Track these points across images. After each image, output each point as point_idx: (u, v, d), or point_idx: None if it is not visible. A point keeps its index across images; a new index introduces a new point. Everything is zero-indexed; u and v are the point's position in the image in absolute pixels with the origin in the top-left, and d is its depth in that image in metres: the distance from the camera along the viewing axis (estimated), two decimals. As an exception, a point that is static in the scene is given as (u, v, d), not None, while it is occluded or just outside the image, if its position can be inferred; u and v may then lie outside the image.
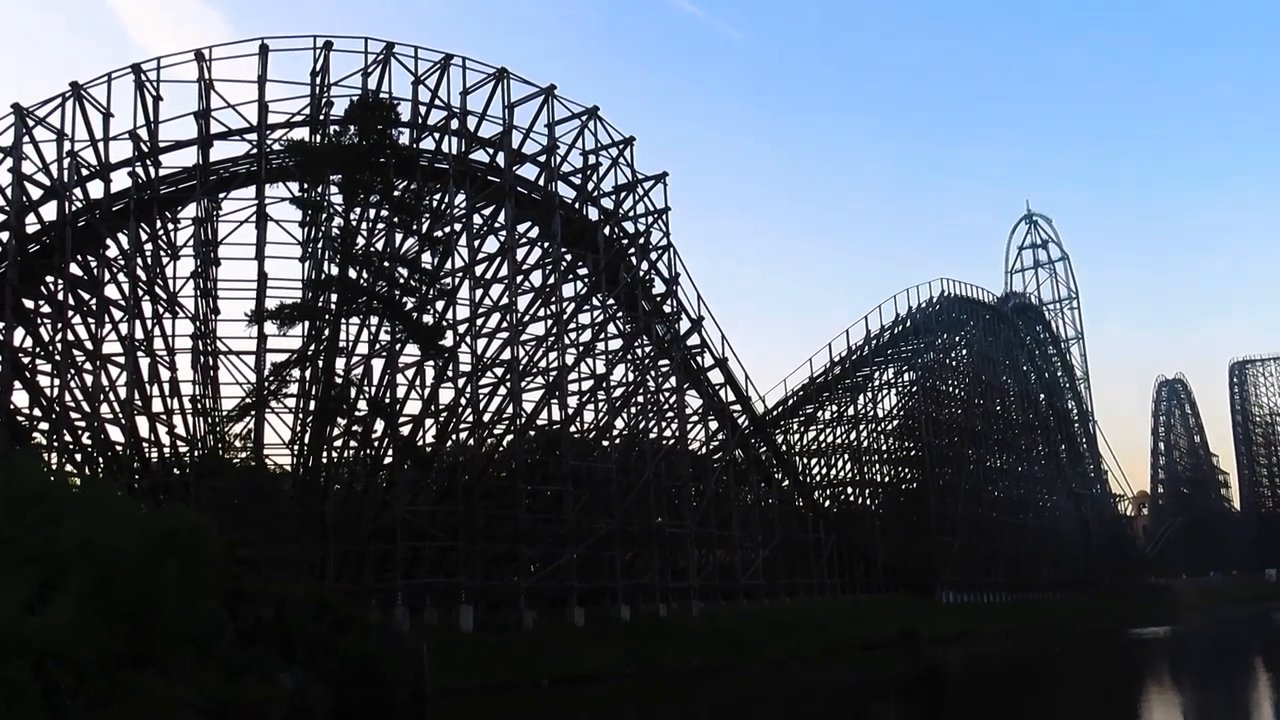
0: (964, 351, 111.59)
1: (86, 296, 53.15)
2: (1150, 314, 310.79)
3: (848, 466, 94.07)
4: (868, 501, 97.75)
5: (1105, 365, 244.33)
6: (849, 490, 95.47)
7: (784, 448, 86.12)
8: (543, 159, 61.31)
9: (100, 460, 51.84)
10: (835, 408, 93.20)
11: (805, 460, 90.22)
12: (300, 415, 51.27)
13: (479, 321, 57.31)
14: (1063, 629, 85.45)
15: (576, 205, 63.35)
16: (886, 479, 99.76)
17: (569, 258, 62.28)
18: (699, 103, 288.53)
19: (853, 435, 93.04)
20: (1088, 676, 47.51)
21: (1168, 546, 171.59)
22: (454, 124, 58.27)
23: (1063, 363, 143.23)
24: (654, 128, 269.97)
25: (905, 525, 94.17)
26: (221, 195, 55.81)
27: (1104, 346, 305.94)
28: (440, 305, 55.56)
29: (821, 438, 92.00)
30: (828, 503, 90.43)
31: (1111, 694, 41.25)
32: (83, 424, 52.13)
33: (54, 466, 45.99)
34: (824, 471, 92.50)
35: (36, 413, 52.31)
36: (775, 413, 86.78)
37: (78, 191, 53.76)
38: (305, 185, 53.18)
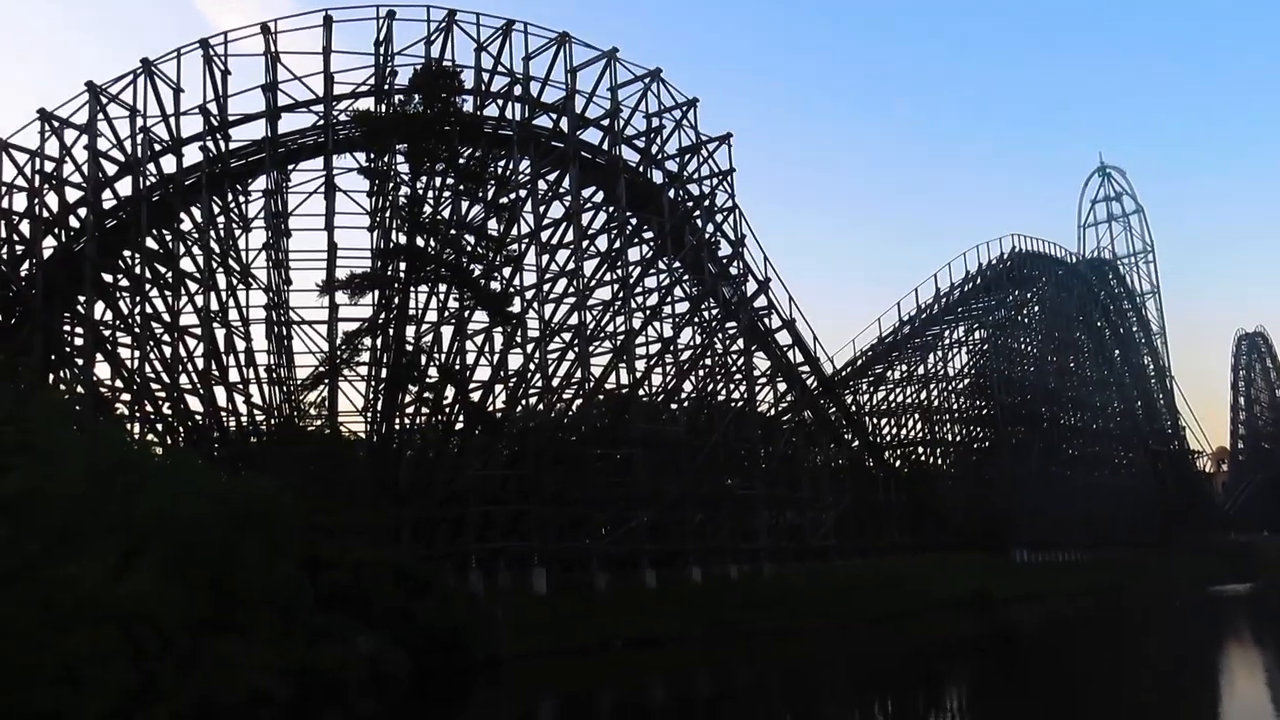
0: (1036, 308, 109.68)
1: (163, 270, 54.17)
2: (1228, 266, 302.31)
3: (918, 426, 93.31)
4: (939, 461, 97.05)
5: (1183, 319, 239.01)
6: (920, 450, 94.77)
7: (853, 408, 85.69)
8: (606, 123, 61.08)
9: (180, 430, 52.99)
10: (905, 367, 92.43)
11: (875, 420, 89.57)
12: (372, 383, 51.87)
13: (546, 287, 57.46)
14: (1140, 587, 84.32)
15: (641, 169, 63.11)
16: (958, 438, 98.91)
17: (634, 221, 62.20)
18: (763, 62, 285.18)
19: (923, 395, 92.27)
20: (1166, 637, 46.91)
21: (1248, 503, 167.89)
22: (517, 90, 58.21)
23: (1138, 318, 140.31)
24: (718, 88, 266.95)
25: (978, 484, 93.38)
26: (290, 167, 56.45)
27: (1181, 300, 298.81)
28: (507, 272, 55.75)
29: (891, 398, 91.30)
30: (898, 463, 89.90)
31: (1188, 657, 40.62)
32: (163, 395, 53.21)
33: (136, 437, 47.11)
34: (894, 431, 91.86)
35: (118, 384, 53.51)
36: (844, 373, 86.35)
37: (151, 167, 54.76)
38: (371, 155, 53.54)
